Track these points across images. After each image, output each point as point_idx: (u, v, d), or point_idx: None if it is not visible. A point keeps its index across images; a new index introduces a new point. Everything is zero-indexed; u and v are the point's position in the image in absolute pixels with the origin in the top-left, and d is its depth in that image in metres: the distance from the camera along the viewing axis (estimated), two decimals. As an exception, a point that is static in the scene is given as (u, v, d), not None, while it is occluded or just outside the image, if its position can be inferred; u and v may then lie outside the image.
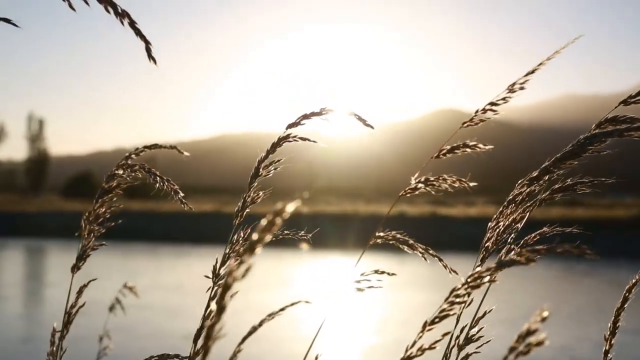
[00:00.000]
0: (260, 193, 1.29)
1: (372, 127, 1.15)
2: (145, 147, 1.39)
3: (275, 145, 1.26)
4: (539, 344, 0.77)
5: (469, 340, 1.14)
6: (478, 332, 1.15)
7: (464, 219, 36.04)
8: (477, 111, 1.15)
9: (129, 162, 1.40)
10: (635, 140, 1.05)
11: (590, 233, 1.17)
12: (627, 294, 1.25)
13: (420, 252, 1.27)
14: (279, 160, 1.27)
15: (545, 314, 0.79)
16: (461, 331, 1.14)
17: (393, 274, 1.25)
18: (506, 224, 1.20)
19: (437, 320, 0.95)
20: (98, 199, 1.38)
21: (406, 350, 1.01)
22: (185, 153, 1.41)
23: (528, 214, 1.18)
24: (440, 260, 1.27)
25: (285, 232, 1.34)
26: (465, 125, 1.15)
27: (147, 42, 0.97)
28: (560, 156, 1.09)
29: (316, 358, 1.25)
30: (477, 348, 1.13)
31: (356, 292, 1.21)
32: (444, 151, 1.18)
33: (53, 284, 19.56)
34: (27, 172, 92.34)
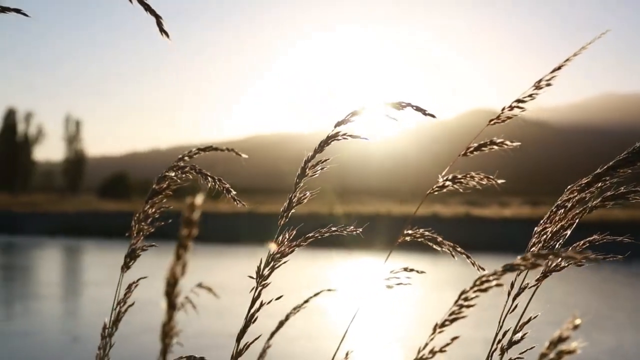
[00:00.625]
0: (307, 193, 1.26)
1: (433, 116, 1.11)
2: (200, 149, 1.35)
3: (324, 144, 1.21)
4: (570, 352, 0.77)
5: (511, 344, 1.12)
6: (522, 337, 1.12)
7: (498, 220, 35.32)
8: (503, 108, 1.12)
9: (181, 163, 1.34)
10: None
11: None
12: None
13: (449, 250, 1.23)
14: (325, 160, 1.23)
15: (578, 321, 0.80)
16: (504, 335, 1.11)
17: (422, 272, 1.22)
18: (554, 230, 1.17)
19: (447, 322, 0.94)
20: (148, 199, 1.34)
21: (418, 352, 1.00)
22: (244, 155, 1.37)
23: (577, 220, 1.14)
24: (468, 257, 1.23)
25: (333, 228, 1.29)
26: (493, 122, 1.13)
27: (157, 17, 0.97)
28: (614, 164, 1.06)
29: (347, 355, 1.23)
30: (520, 353, 1.09)
31: (385, 289, 1.20)
32: (471, 149, 1.15)
33: (95, 283, 19.52)
34: (65, 172, 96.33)
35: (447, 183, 1.19)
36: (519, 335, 1.14)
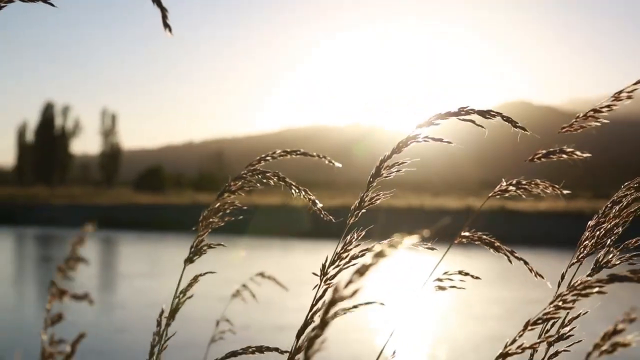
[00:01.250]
0: (381, 194, 1.22)
1: (525, 130, 1.08)
2: (286, 151, 1.30)
3: (403, 145, 1.17)
4: (625, 345, 0.78)
5: (560, 337, 1.10)
6: (570, 330, 1.11)
7: (534, 214, 35.15)
8: (577, 116, 1.08)
9: (259, 167, 1.30)
10: None
11: None
12: None
13: (506, 255, 1.19)
14: (402, 163, 1.19)
15: (634, 315, 0.81)
16: (552, 326, 1.10)
17: (477, 278, 1.20)
18: (608, 227, 1.15)
19: (539, 321, 0.93)
20: (219, 196, 1.33)
21: (505, 347, 0.98)
22: (337, 164, 1.32)
23: (631, 218, 1.12)
24: (526, 263, 1.20)
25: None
26: (565, 130, 1.09)
27: (163, 9, 0.97)
28: None
29: (393, 354, 1.21)
30: (567, 346, 1.07)
31: (437, 290, 1.18)
32: (539, 155, 1.11)
33: (133, 275, 19.78)
34: (101, 165, 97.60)
35: (511, 188, 1.17)
36: (567, 329, 1.12)
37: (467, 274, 1.20)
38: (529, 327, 0.95)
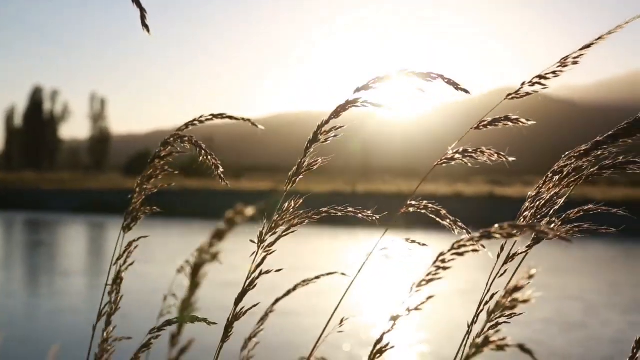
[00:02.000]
0: (319, 159, 1.21)
1: (467, 92, 1.08)
2: (214, 115, 1.30)
3: (341, 110, 1.15)
4: (525, 301, 0.82)
5: (498, 307, 1.04)
6: (510, 302, 1.03)
7: (521, 199, 38.28)
8: (523, 83, 1.09)
9: (181, 132, 1.31)
10: None
11: (635, 217, 1.08)
12: None
13: (449, 224, 1.20)
14: (340, 127, 1.17)
15: (533, 271, 0.85)
16: (491, 298, 1.10)
17: (424, 245, 1.20)
18: (547, 197, 1.14)
19: (423, 282, 0.95)
20: (150, 163, 1.34)
21: (395, 310, 0.99)
22: (260, 126, 1.31)
23: (572, 188, 1.11)
24: (468, 232, 1.18)
25: (350, 209, 1.25)
26: (511, 97, 1.10)
27: (142, 10, 0.97)
28: (614, 132, 1.03)
29: (341, 321, 1.23)
30: (508, 317, 1.06)
31: (384, 259, 1.18)
32: (484, 123, 1.12)
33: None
34: (90, 150, 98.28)
35: (457, 156, 1.17)
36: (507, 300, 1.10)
37: (413, 241, 1.21)
38: (416, 289, 0.96)
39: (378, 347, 1.07)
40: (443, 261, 0.93)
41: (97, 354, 1.36)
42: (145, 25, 1.00)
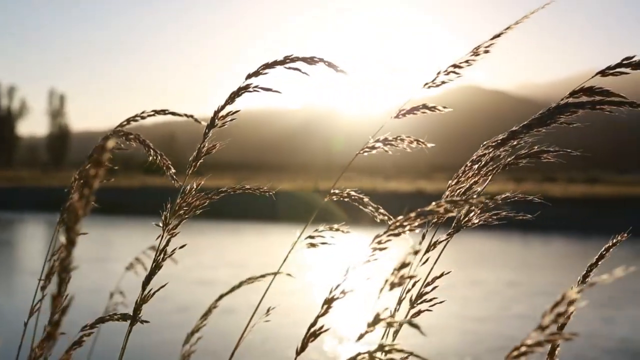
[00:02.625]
0: (217, 144, 1.25)
1: (344, 73, 1.12)
2: (155, 111, 1.29)
3: (234, 95, 1.20)
4: (412, 277, 0.83)
5: (421, 295, 1.12)
6: (432, 290, 1.12)
7: (486, 194, 37.76)
8: (438, 72, 1.12)
9: (124, 129, 1.29)
10: None
11: (549, 204, 1.10)
12: (604, 252, 1.16)
13: (371, 211, 1.22)
14: (236, 112, 1.22)
15: (417, 247, 0.83)
16: (413, 285, 1.11)
17: (347, 232, 1.20)
18: (467, 186, 1.16)
19: (359, 264, 0.95)
20: (89, 158, 1.24)
21: (330, 292, 1.00)
22: (203, 122, 1.29)
23: (490, 177, 1.14)
24: (390, 219, 1.20)
25: (247, 186, 1.29)
26: (428, 86, 1.13)
27: None
28: (528, 123, 1.05)
29: (268, 310, 1.22)
30: (430, 306, 1.09)
31: (308, 248, 1.18)
32: (403, 111, 1.15)
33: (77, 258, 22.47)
34: (49, 147, 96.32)
35: (378, 144, 1.19)
36: (429, 288, 1.13)
37: (337, 229, 1.21)
38: (349, 272, 0.97)
39: (312, 330, 1.06)
40: (379, 242, 0.92)
41: (34, 350, 1.21)
42: None
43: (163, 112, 1.32)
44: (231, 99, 1.22)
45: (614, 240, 1.18)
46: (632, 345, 9.81)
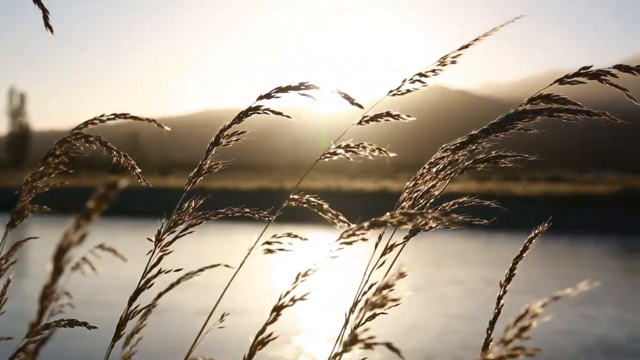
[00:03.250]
0: (220, 163, 1.23)
1: (360, 107, 1.13)
2: (116, 115, 1.27)
3: (243, 115, 1.20)
4: (395, 300, 0.82)
5: (368, 305, 1.01)
6: (390, 291, 1.00)
7: (445, 195, 38.74)
8: (404, 80, 1.13)
9: (83, 131, 1.27)
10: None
11: (506, 209, 1.14)
12: (527, 244, 1.18)
13: (330, 218, 1.22)
14: (242, 132, 1.22)
15: (404, 269, 0.84)
16: (369, 288, 1.09)
17: (305, 239, 1.19)
18: (425, 189, 1.16)
19: (310, 272, 0.96)
20: (43, 160, 1.28)
21: (279, 299, 1.00)
22: (166, 128, 1.31)
23: (448, 180, 1.14)
24: (349, 225, 1.20)
25: (246, 209, 1.26)
26: (392, 94, 1.13)
27: (44, 11, 0.97)
28: (487, 127, 1.06)
29: (222, 316, 1.19)
30: (385, 309, 1.00)
31: (265, 253, 1.17)
32: (366, 118, 1.15)
33: (43, 260, 20.35)
34: (9, 147, 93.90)
35: (339, 151, 1.18)
36: (386, 291, 1.07)
37: (295, 236, 1.20)
38: (300, 279, 0.98)
39: (260, 337, 1.05)
40: (332, 250, 0.92)
41: None
42: (48, 26, 0.99)
43: (124, 115, 1.30)
44: (239, 118, 1.21)
45: (536, 232, 1.20)
46: (609, 342, 10.19)
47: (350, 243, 0.90)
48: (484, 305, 12.38)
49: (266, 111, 1.19)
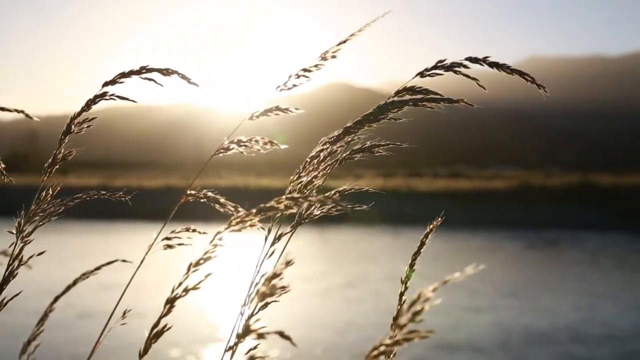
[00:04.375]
0: (74, 150, 1.22)
1: (196, 85, 1.15)
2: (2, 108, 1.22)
3: (91, 103, 1.20)
4: (283, 287, 0.83)
5: (259, 295, 1.00)
6: (279, 280, 0.98)
7: (358, 193, 38.55)
8: (290, 76, 1.17)
9: None
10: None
11: (383, 193, 1.19)
12: (424, 239, 1.21)
13: (230, 211, 1.21)
14: (93, 118, 1.21)
15: (290, 257, 0.85)
16: (261, 278, 1.07)
17: (204, 233, 1.18)
18: (307, 180, 1.18)
19: (201, 261, 0.97)
20: None
21: (172, 291, 1.00)
22: (35, 118, 1.29)
23: (329, 171, 1.18)
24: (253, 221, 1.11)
25: (102, 191, 1.28)
26: (280, 89, 1.17)
27: None
28: (360, 119, 1.12)
29: (124, 313, 1.18)
30: (277, 297, 1.00)
31: (165, 249, 1.17)
32: (256, 113, 1.19)
33: None
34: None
35: (232, 146, 1.21)
36: (277, 279, 1.08)
37: (194, 230, 1.21)
38: (192, 270, 1.00)
39: (155, 331, 1.04)
40: (220, 239, 0.93)
41: None
42: None
43: (3, 109, 1.25)
44: (87, 105, 1.22)
45: (431, 227, 1.24)
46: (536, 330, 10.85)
47: (239, 230, 0.91)
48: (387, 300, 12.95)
49: (112, 97, 1.20)
